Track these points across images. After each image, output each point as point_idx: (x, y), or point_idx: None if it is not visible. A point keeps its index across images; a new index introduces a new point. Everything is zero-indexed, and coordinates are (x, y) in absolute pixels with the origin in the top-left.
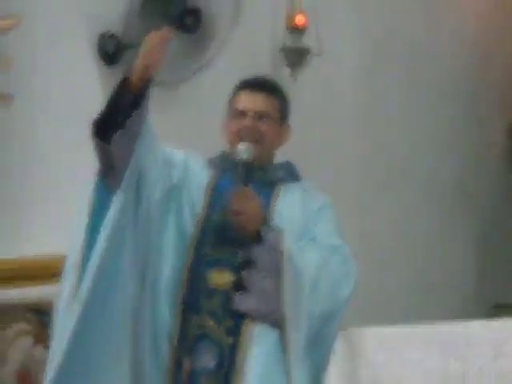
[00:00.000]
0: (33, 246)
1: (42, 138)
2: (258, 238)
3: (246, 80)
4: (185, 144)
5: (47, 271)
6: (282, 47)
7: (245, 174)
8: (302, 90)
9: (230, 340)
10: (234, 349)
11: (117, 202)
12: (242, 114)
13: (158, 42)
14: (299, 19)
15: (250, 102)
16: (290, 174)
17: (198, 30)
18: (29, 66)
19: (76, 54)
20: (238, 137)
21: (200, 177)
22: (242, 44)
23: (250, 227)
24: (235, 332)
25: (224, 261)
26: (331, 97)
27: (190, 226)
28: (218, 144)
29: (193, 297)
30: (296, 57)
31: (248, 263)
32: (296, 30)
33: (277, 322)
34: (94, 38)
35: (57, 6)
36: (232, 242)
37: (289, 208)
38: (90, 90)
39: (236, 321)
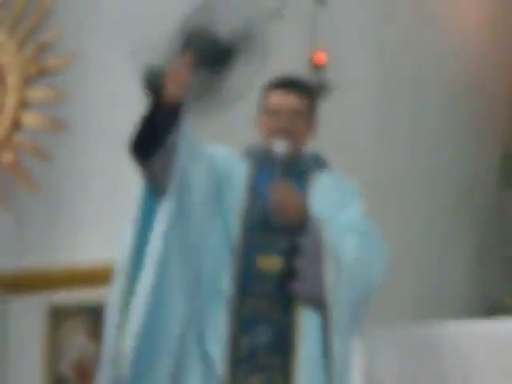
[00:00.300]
0: (86, 253)
1: (93, 156)
2: (300, 228)
3: (278, 80)
4: None
5: (99, 275)
6: None
7: (283, 168)
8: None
9: (284, 319)
10: (288, 327)
11: (163, 209)
12: (277, 112)
13: (181, 70)
14: (319, 58)
15: (284, 101)
16: (320, 163)
17: (228, 69)
18: (82, 97)
19: (124, 86)
20: (274, 134)
21: (239, 170)
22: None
23: (293, 219)
24: (288, 311)
25: (271, 247)
26: (347, 125)
27: (233, 217)
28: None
29: (245, 282)
30: (317, 92)
31: (294, 250)
32: (316, 68)
33: (320, 305)
34: (140, 73)
35: (106, 43)
36: (276, 230)
37: (322, 195)
38: (136, 117)
39: (288, 301)
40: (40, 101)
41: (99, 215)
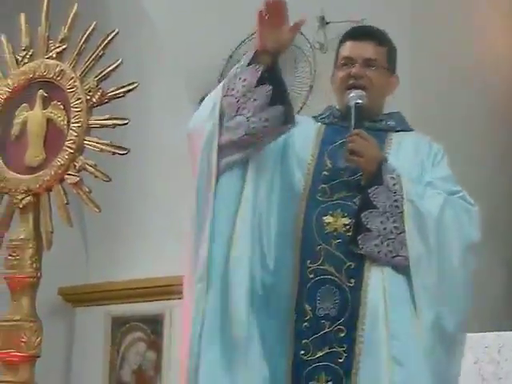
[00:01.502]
0: (145, 269)
1: (153, 178)
2: (376, 180)
3: (353, 28)
4: None
5: (158, 289)
6: None
7: (357, 117)
8: None
9: (353, 282)
10: (356, 292)
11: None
12: (350, 61)
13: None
14: None
15: (358, 49)
16: (401, 123)
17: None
18: (141, 123)
19: (182, 112)
20: (347, 84)
21: (307, 131)
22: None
23: (369, 168)
24: (357, 275)
25: (339, 206)
26: None
27: (299, 177)
28: None
29: (310, 245)
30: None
31: (367, 206)
32: None
33: (399, 265)
34: (196, 100)
35: (166, 74)
36: (348, 186)
37: (402, 156)
38: None
39: (357, 264)
40: (102, 126)
41: (156, 235)
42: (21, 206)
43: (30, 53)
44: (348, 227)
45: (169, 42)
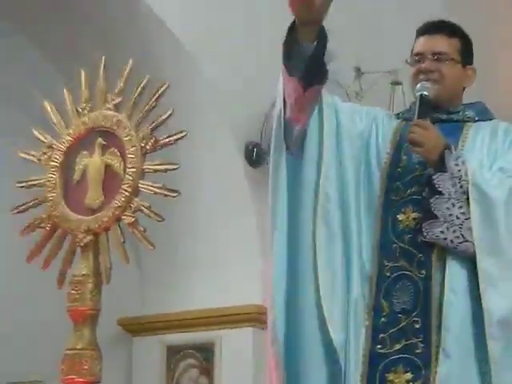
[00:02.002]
0: (196, 301)
1: (202, 219)
2: (440, 168)
3: (425, 23)
4: None
5: (209, 320)
6: None
7: (421, 107)
8: None
9: (423, 273)
10: (427, 282)
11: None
12: (421, 56)
13: None
14: None
15: (428, 43)
16: (481, 112)
17: None
18: (191, 167)
19: (228, 158)
20: (418, 79)
21: (387, 127)
22: None
23: (431, 156)
24: (427, 264)
25: (411, 201)
26: None
27: (377, 173)
28: None
29: (387, 244)
30: None
31: (434, 194)
32: None
33: (467, 252)
34: (241, 147)
35: (213, 122)
36: (419, 180)
37: (478, 145)
38: (238, 185)
39: (426, 253)
40: (155, 171)
41: (205, 269)
42: (82, 245)
43: (89, 105)
44: (417, 221)
45: (215, 92)
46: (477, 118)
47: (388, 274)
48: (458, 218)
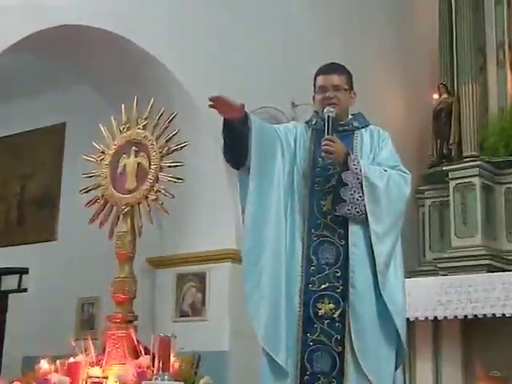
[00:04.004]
0: (195, 246)
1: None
2: (345, 167)
3: (324, 65)
4: None
5: (203, 259)
6: None
7: (330, 126)
8: None
9: (343, 242)
10: (345, 247)
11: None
12: (325, 88)
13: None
14: None
15: (327, 79)
16: (362, 121)
17: None
18: (193, 166)
19: (212, 160)
20: (324, 103)
21: (304, 137)
22: None
23: (339, 160)
24: (345, 236)
25: (330, 192)
26: None
27: (300, 171)
28: None
29: (314, 219)
30: None
31: (343, 185)
32: None
33: (363, 221)
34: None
35: (202, 137)
36: (333, 178)
37: (364, 146)
38: (219, 175)
39: (344, 228)
40: (169, 167)
41: (202, 225)
42: (123, 213)
43: (127, 125)
44: (334, 205)
45: (206, 118)
46: (360, 126)
47: (315, 239)
48: (357, 200)
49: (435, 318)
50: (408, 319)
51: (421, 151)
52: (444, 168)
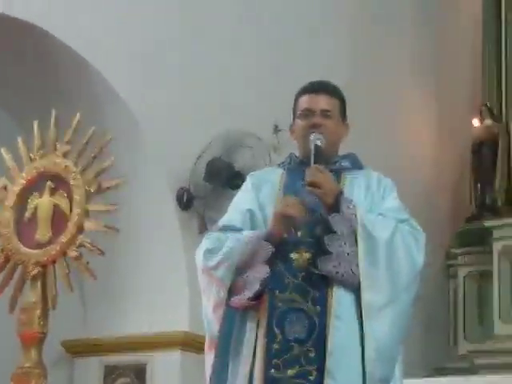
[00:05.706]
0: (133, 326)
1: (140, 253)
2: (335, 209)
3: (310, 83)
4: None
5: (142, 345)
6: None
7: (317, 155)
8: None
9: (318, 309)
10: (322, 316)
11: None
12: (310, 112)
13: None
14: None
15: (315, 101)
16: (354, 163)
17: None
18: (130, 208)
19: (162, 201)
20: (308, 131)
21: (273, 178)
22: None
23: (328, 200)
24: (321, 300)
25: (302, 243)
26: None
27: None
28: None
29: (280, 277)
30: None
31: (328, 231)
32: None
33: (353, 284)
34: (174, 191)
35: (149, 167)
36: (309, 223)
37: (355, 192)
38: (170, 225)
39: (321, 291)
40: (98, 211)
41: (142, 299)
42: (31, 276)
43: (41, 152)
44: (311, 261)
45: (152, 140)
46: (351, 167)
47: (280, 305)
48: (348, 254)
49: None
50: None
51: (454, 200)
52: (486, 224)
